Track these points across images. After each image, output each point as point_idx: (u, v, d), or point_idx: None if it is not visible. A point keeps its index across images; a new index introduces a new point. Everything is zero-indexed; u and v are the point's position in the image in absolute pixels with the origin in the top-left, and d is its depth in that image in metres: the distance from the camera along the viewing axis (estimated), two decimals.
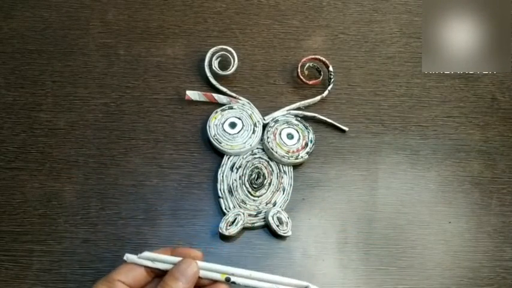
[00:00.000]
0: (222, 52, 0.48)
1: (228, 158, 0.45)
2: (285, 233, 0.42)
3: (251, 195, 0.44)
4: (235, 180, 0.44)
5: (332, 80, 0.48)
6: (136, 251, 0.33)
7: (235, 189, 0.44)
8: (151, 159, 0.46)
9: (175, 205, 0.44)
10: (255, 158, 0.45)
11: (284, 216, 0.43)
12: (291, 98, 0.49)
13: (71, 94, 0.48)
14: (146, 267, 0.34)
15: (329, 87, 0.48)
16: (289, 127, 0.46)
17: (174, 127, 0.47)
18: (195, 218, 0.44)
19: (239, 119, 0.46)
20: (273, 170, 0.45)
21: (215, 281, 0.34)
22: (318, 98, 0.48)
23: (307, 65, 0.49)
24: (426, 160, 0.47)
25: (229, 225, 0.42)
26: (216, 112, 0.46)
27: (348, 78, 0.50)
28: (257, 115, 0.46)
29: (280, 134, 0.45)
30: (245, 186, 0.44)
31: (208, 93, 0.47)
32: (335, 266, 0.43)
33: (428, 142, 0.48)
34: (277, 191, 0.44)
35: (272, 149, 0.44)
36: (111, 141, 0.46)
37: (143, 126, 0.47)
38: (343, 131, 0.48)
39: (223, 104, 0.47)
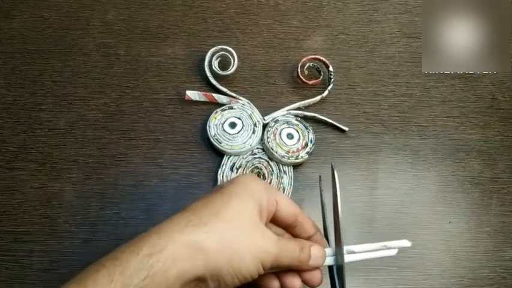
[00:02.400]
0: (222, 52, 0.48)
1: (228, 158, 0.45)
2: None
3: None
4: None
5: (332, 80, 0.48)
6: None
7: None
8: (151, 159, 0.46)
9: (175, 205, 0.44)
10: (255, 158, 0.45)
11: None
12: (291, 98, 0.49)
13: (71, 94, 0.48)
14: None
15: (329, 87, 0.48)
16: (289, 127, 0.46)
17: (174, 127, 0.47)
18: None
19: (239, 119, 0.46)
20: (273, 170, 0.45)
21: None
22: (318, 98, 0.48)
23: (307, 65, 0.49)
24: (426, 160, 0.47)
25: None
26: (216, 112, 0.46)
27: (348, 78, 0.50)
28: (257, 115, 0.46)
29: (280, 134, 0.45)
30: None
31: (208, 93, 0.47)
32: None
33: (428, 142, 0.48)
34: None
35: (272, 149, 0.44)
36: (111, 141, 0.46)
37: (143, 126, 0.47)
38: (343, 131, 0.48)
39: (223, 104, 0.47)
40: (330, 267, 0.37)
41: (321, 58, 0.48)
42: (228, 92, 0.47)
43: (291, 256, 0.33)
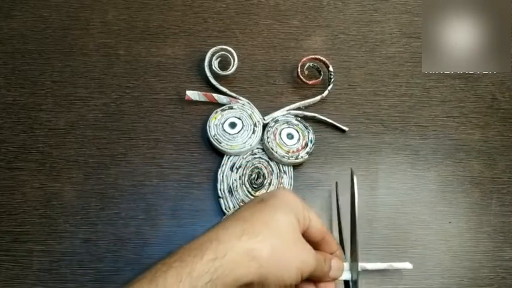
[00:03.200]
0: (222, 52, 0.48)
1: (228, 158, 0.45)
2: None
3: (251, 195, 0.44)
4: (235, 180, 0.44)
5: (332, 80, 0.48)
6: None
7: (235, 189, 0.44)
8: (151, 159, 0.46)
9: (175, 205, 0.44)
10: (255, 158, 0.45)
11: None
12: (291, 98, 0.49)
13: (71, 94, 0.48)
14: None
15: (329, 87, 0.48)
16: (289, 127, 0.46)
17: (174, 127, 0.47)
18: (195, 218, 0.44)
19: (239, 119, 0.46)
20: (273, 170, 0.45)
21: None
22: (318, 98, 0.48)
23: (307, 65, 0.49)
24: (426, 160, 0.47)
25: None
26: (216, 112, 0.46)
27: (348, 78, 0.50)
28: (257, 115, 0.46)
29: (280, 134, 0.45)
30: (245, 186, 0.44)
31: (208, 93, 0.47)
32: None
33: (428, 142, 0.48)
34: None
35: (272, 149, 0.44)
36: (111, 141, 0.46)
37: (143, 126, 0.47)
38: (343, 131, 0.48)
39: (223, 104, 0.47)
40: (346, 282, 0.39)
41: (321, 58, 0.48)
42: (228, 92, 0.47)
43: (321, 267, 0.35)
